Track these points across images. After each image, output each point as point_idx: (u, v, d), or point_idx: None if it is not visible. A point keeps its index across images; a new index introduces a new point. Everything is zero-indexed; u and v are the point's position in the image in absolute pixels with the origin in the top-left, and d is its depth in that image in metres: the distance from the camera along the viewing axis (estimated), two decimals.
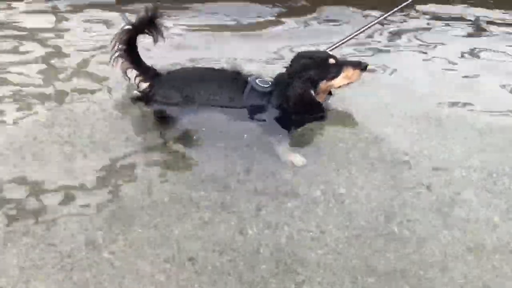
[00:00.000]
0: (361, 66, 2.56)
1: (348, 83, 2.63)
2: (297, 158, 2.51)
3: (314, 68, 2.54)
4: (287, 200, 2.27)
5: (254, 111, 2.61)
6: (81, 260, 1.93)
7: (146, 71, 2.67)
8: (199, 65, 3.25)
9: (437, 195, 2.34)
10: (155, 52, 2.95)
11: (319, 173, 2.45)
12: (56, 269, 1.89)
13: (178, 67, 2.99)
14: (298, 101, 2.54)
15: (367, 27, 3.21)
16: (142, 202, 2.23)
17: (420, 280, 1.92)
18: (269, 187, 2.35)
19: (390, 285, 1.90)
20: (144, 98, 2.75)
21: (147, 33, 2.59)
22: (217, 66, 2.94)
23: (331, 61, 2.56)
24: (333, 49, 2.95)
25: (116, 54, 2.60)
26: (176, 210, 2.20)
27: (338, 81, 2.59)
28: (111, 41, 2.59)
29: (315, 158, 2.55)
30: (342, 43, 3.05)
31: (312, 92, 2.55)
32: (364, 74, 2.66)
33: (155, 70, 2.72)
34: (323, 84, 2.57)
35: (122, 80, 2.81)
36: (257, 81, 2.62)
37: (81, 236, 2.03)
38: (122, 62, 2.63)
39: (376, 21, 3.31)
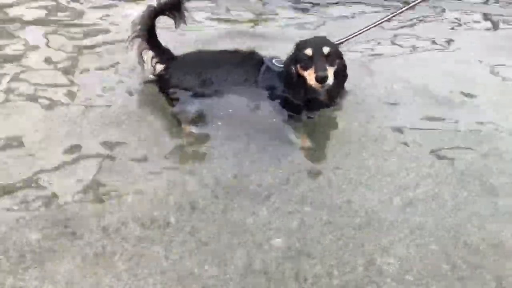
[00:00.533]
0: (317, 75, 2.39)
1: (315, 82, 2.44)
2: (306, 142, 2.53)
3: (296, 51, 2.56)
4: (299, 183, 2.27)
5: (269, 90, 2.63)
6: None
7: (162, 53, 2.67)
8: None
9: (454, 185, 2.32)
10: None
11: (331, 157, 2.46)
12: None
13: None
14: (284, 73, 2.60)
15: (381, 21, 3.20)
16: (153, 181, 2.24)
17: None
18: (281, 170, 2.35)
19: (405, 268, 1.89)
20: (159, 81, 2.75)
21: (168, 16, 2.61)
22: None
23: (308, 52, 2.46)
24: (342, 42, 2.93)
25: (134, 34, 2.60)
26: (186, 192, 2.19)
27: (306, 75, 2.47)
28: (132, 22, 2.59)
29: (327, 142, 2.57)
30: (354, 37, 3.03)
31: (293, 68, 2.55)
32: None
33: (171, 52, 2.72)
34: (298, 68, 2.52)
35: None
36: (273, 61, 2.63)
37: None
38: (139, 43, 2.63)
39: (390, 16, 3.30)
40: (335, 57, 2.51)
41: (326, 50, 2.45)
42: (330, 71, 2.43)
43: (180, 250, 1.91)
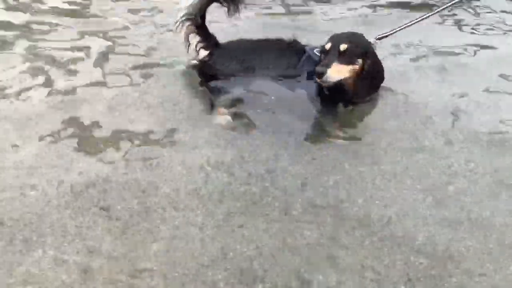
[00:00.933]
0: (315, 69, 2.45)
1: None
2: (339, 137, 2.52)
3: (325, 43, 2.57)
4: (332, 177, 2.28)
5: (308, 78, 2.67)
6: None
7: (208, 39, 2.73)
8: None
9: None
10: None
11: (366, 151, 2.45)
12: None
13: None
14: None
15: (424, 17, 3.19)
16: (185, 169, 2.25)
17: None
18: (315, 163, 2.35)
19: (440, 266, 1.87)
20: (202, 67, 2.81)
21: (221, 3, 2.65)
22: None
23: (327, 46, 2.50)
24: (384, 37, 2.93)
25: (185, 17, 2.64)
26: (219, 181, 2.21)
27: None
28: (185, 5, 2.62)
29: (363, 135, 2.56)
30: (395, 32, 3.02)
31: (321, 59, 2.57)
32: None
33: (216, 39, 2.77)
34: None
35: None
36: (315, 50, 2.65)
37: None
38: (188, 26, 2.67)
39: (436, 12, 3.28)
40: (355, 55, 2.50)
41: (342, 47, 2.47)
42: (337, 69, 2.43)
43: (213, 231, 1.95)
